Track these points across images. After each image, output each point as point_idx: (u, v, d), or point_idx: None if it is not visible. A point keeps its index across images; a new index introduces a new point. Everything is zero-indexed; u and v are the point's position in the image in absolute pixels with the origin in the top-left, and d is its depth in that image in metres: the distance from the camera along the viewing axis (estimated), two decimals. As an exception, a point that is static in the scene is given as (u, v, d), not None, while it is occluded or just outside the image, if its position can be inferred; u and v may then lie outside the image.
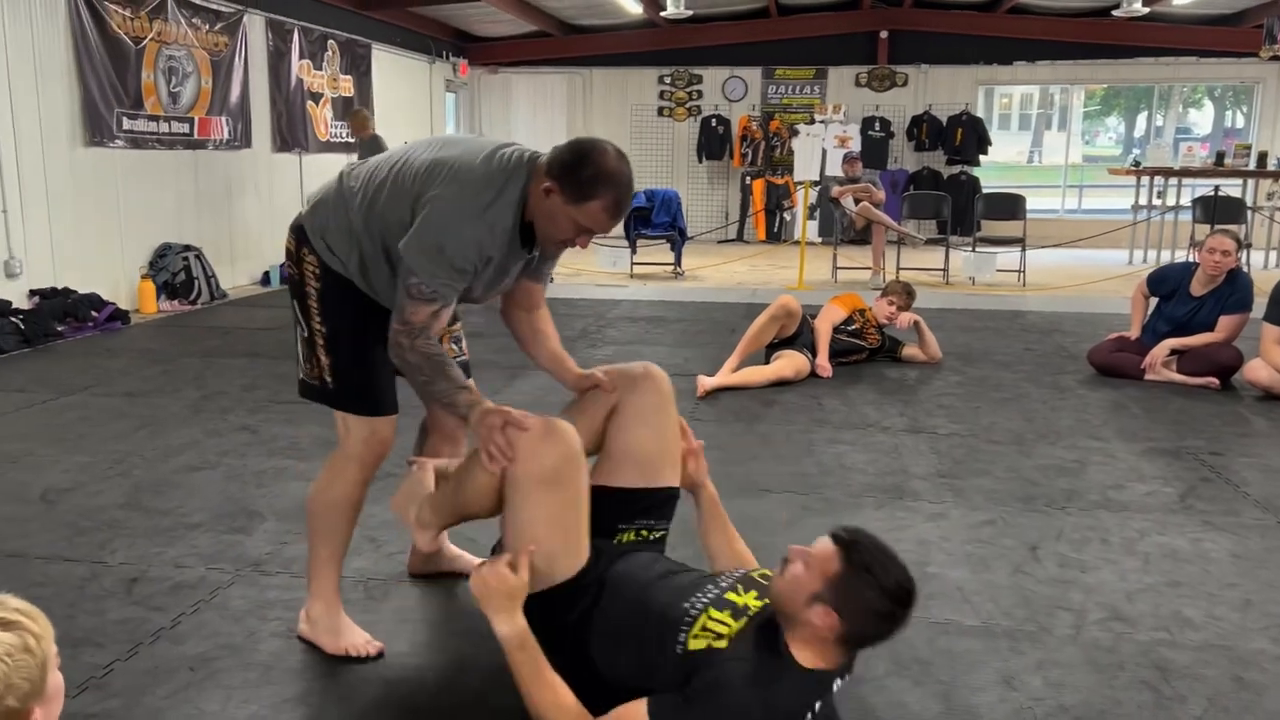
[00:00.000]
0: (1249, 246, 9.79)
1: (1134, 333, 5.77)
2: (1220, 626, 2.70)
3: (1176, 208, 11.36)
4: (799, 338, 5.69)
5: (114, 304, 7.33)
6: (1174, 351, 5.51)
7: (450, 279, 2.25)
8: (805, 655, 2.01)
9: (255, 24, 9.54)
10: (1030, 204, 10.61)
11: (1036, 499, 3.69)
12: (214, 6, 8.83)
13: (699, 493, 2.60)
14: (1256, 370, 5.19)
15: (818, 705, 2.02)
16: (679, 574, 2.32)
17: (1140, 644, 2.60)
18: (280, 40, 9.97)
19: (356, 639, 2.56)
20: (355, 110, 10.01)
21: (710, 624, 2.07)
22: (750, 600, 2.14)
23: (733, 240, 14.49)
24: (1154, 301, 5.80)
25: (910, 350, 6.11)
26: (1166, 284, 5.66)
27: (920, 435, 4.55)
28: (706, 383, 5.27)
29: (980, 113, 14.40)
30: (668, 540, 2.50)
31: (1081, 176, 18.88)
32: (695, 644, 2.04)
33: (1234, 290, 5.42)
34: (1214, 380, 5.38)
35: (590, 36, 14.59)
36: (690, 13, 12.10)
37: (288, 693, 2.38)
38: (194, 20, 8.56)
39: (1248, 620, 2.74)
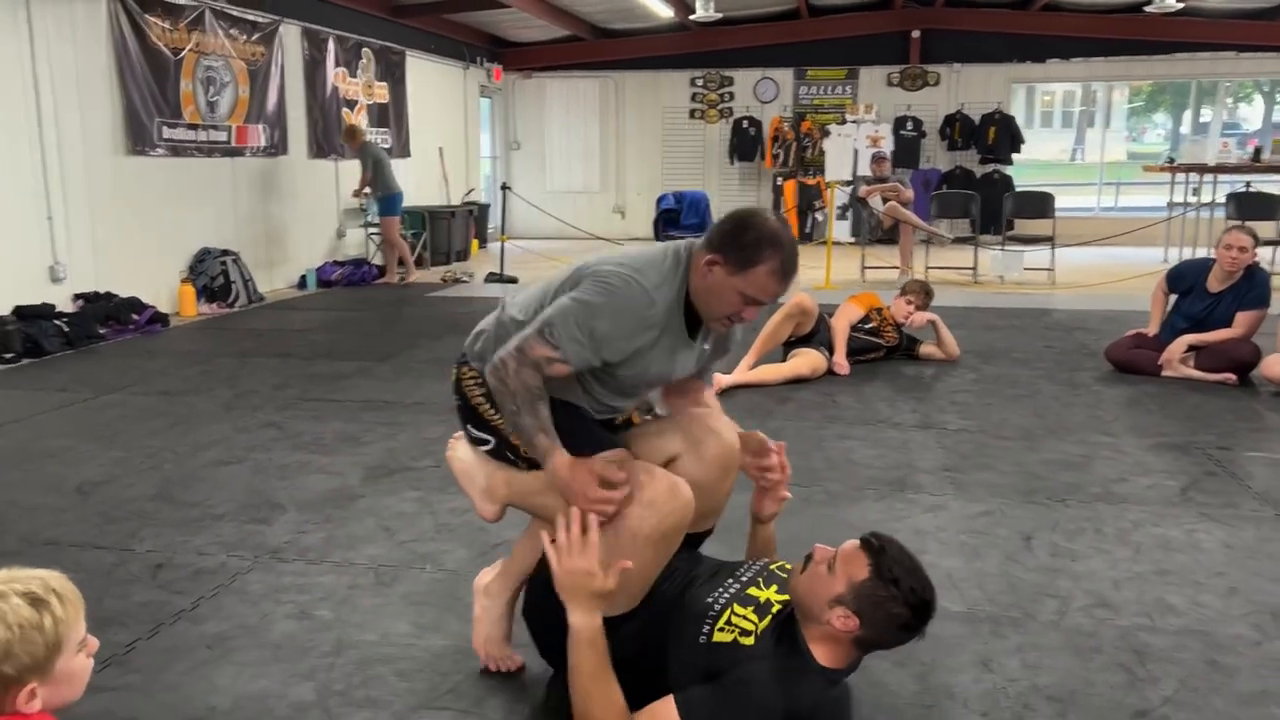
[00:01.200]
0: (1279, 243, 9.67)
1: (1153, 329, 5.77)
2: (1202, 613, 2.75)
3: (1212, 204, 11.24)
4: (816, 336, 5.76)
5: (154, 307, 7.57)
6: (1192, 347, 5.51)
7: (585, 348, 2.19)
8: (821, 652, 2.09)
9: (291, 33, 9.79)
10: (1068, 202, 10.55)
11: (1037, 492, 3.75)
12: (250, 17, 9.08)
13: (758, 528, 2.61)
14: (1273, 365, 5.17)
15: (825, 701, 2.12)
16: (699, 564, 2.41)
17: (1121, 629, 2.66)
18: (315, 49, 10.21)
19: (495, 650, 2.52)
20: (346, 127, 10.38)
21: (735, 619, 2.15)
22: (772, 595, 2.21)
23: (765, 241, 14.51)
24: (1174, 299, 5.80)
25: (928, 348, 6.15)
26: (1184, 280, 5.67)
27: (930, 431, 4.61)
28: (722, 380, 5.35)
29: (1020, 110, 14.35)
30: None
31: (1120, 174, 18.64)
32: (721, 637, 2.13)
33: (1252, 286, 5.41)
34: (1231, 376, 5.37)
35: (622, 40, 14.73)
36: (719, 15, 12.18)
37: (297, 669, 2.52)
38: (231, 31, 8.81)
39: (1231, 607, 2.79)
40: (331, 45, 10.48)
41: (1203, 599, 2.84)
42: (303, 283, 9.89)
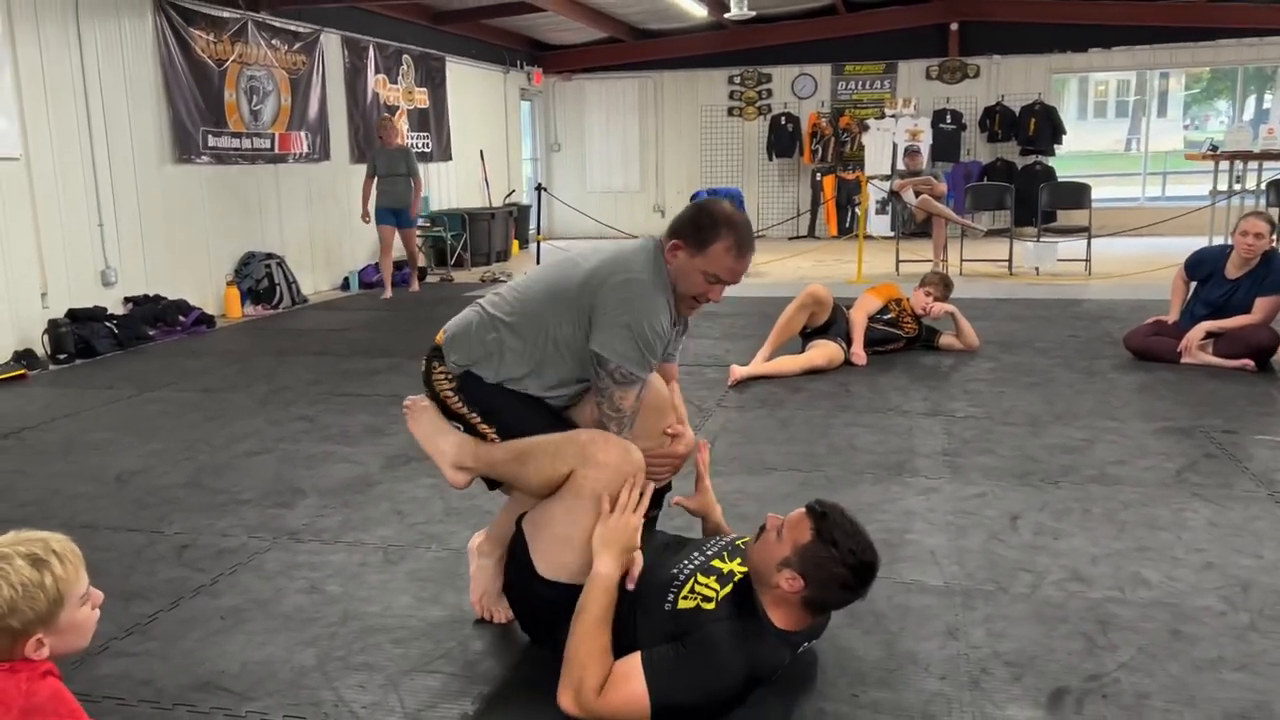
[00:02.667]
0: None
1: (1172, 316, 5.77)
2: (1174, 586, 2.82)
3: (1257, 191, 11.08)
4: (833, 327, 5.84)
5: (200, 309, 7.88)
6: (1211, 334, 5.51)
7: (652, 357, 2.44)
8: (777, 616, 2.25)
9: (332, 42, 10.08)
10: (1118, 192, 10.41)
11: (1032, 474, 3.82)
12: (292, 28, 9.37)
13: (703, 523, 2.77)
14: (1291, 351, 5.17)
15: (786, 662, 2.27)
16: (667, 542, 2.56)
17: (1090, 601, 2.74)
18: (356, 57, 10.49)
19: (490, 603, 2.73)
20: (385, 118, 10.04)
21: (699, 587, 2.31)
22: (735, 566, 2.38)
23: (804, 236, 14.59)
24: (1194, 285, 5.79)
25: (948, 339, 6.20)
26: (1203, 267, 5.66)
27: (937, 418, 4.68)
28: (739, 372, 5.47)
29: (1073, 101, 14.35)
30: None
31: (1166, 164, 18.35)
32: (685, 604, 2.28)
33: (1269, 272, 5.39)
34: (1249, 362, 5.36)
35: (660, 40, 14.86)
36: (753, 13, 12.24)
37: (301, 637, 2.70)
38: (273, 41, 9.11)
39: (1203, 581, 2.85)
40: (372, 53, 10.76)
41: (1177, 573, 2.90)
42: (346, 284, 10.18)
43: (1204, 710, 2.20)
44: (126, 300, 7.52)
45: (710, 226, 2.42)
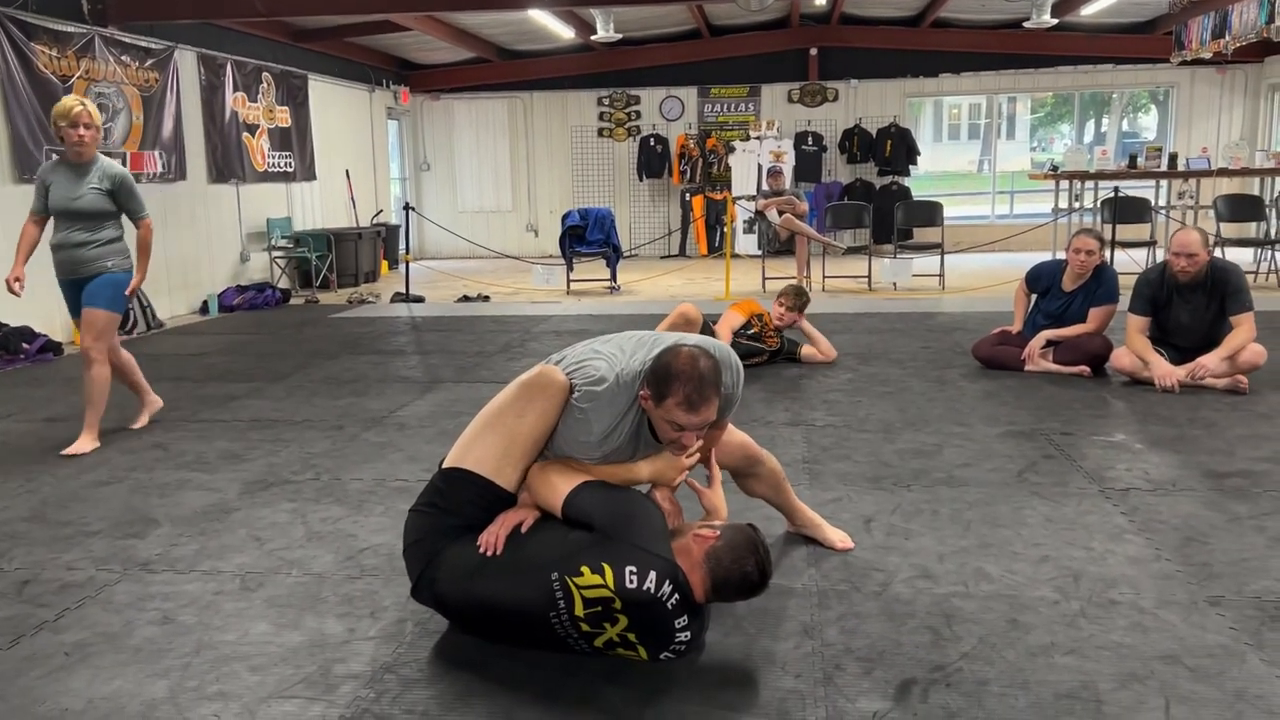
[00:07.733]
0: (1154, 244, 10.20)
1: (1016, 327, 6.10)
2: (1013, 579, 2.98)
3: (1095, 209, 11.79)
4: (700, 343, 5.95)
5: (46, 336, 7.51)
6: (1051, 342, 5.83)
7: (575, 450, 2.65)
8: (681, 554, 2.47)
9: (186, 59, 9.77)
10: (971, 210, 11.00)
11: (885, 479, 3.98)
12: (143, 44, 9.06)
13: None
14: (1120, 358, 5.52)
15: (669, 586, 2.38)
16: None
17: (936, 596, 2.88)
18: (213, 74, 10.20)
19: None
20: (75, 109, 9.20)
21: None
22: None
23: (675, 255, 14.80)
24: (1035, 297, 6.13)
25: (808, 350, 6.40)
26: (1041, 281, 6.00)
27: (798, 427, 4.83)
28: (607, 388, 5.51)
29: (929, 124, 14.92)
30: None
31: (1014, 183, 19.37)
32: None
33: (1100, 283, 5.76)
34: (1085, 368, 5.70)
35: (528, 61, 14.92)
36: (619, 36, 12.41)
37: (153, 670, 2.61)
38: (123, 58, 8.78)
39: (1039, 573, 3.03)
40: (230, 70, 10.47)
41: (1016, 567, 3.07)
42: (205, 308, 9.84)
43: (1036, 693, 2.34)
44: (-37, 327, 7.11)
45: (665, 380, 2.49)
